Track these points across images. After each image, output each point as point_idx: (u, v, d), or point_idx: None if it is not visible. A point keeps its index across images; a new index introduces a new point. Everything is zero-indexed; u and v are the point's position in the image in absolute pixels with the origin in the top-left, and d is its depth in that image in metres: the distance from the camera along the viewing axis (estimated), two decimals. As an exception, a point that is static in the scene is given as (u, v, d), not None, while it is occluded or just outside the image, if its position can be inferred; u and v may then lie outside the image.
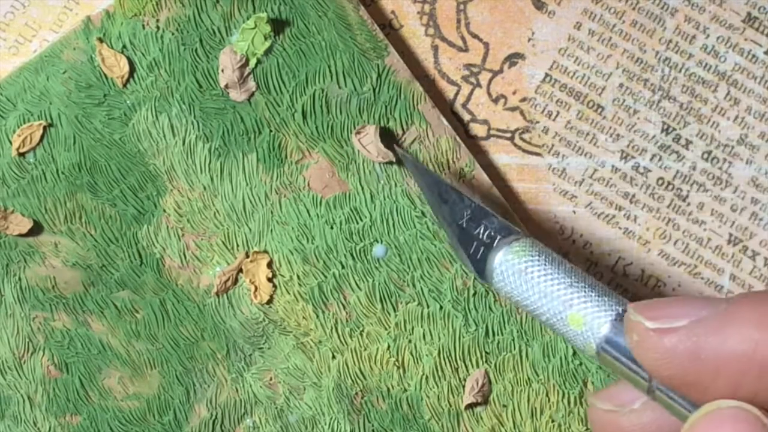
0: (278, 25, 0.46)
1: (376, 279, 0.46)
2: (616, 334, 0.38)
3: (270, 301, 0.46)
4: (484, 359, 0.46)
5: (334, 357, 0.46)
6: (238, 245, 0.46)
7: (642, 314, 0.35)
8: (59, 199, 0.46)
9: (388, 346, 0.46)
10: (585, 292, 0.39)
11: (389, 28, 0.48)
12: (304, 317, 0.46)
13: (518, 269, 0.41)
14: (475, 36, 0.47)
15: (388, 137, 0.46)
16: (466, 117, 0.48)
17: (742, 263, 0.47)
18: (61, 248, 0.46)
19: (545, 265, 0.40)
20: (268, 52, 0.46)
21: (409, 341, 0.46)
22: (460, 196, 0.43)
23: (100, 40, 0.46)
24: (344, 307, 0.46)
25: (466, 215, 0.43)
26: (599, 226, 0.47)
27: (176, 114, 0.46)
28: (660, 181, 0.47)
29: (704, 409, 0.34)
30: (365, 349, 0.46)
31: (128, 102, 0.46)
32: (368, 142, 0.46)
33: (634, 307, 0.35)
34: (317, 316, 0.46)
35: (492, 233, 0.42)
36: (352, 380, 0.46)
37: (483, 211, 0.43)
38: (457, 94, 0.48)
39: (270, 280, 0.46)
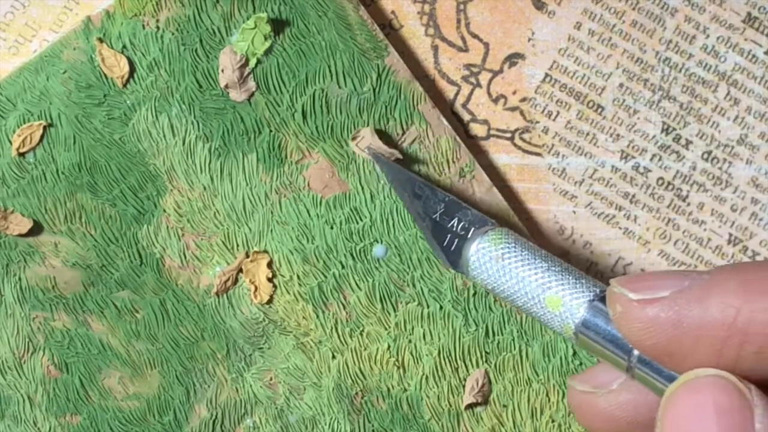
0: (278, 25, 0.46)
1: (376, 279, 0.46)
2: (593, 315, 0.38)
3: (270, 301, 0.46)
4: (484, 359, 0.46)
5: (334, 357, 0.46)
6: (238, 245, 0.46)
7: (625, 287, 0.36)
8: (59, 199, 0.46)
9: (388, 346, 0.46)
10: (562, 275, 0.40)
11: (389, 28, 0.48)
12: (304, 317, 0.46)
13: (494, 256, 0.41)
14: (475, 36, 0.47)
15: (384, 137, 0.46)
16: (466, 117, 0.48)
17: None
18: (61, 248, 0.46)
19: (521, 251, 0.41)
20: (268, 52, 0.46)
21: (409, 341, 0.46)
22: (433, 191, 0.44)
23: (100, 40, 0.46)
24: (344, 307, 0.46)
25: (440, 209, 0.44)
26: (599, 226, 0.47)
27: (176, 114, 0.46)
28: (660, 181, 0.47)
29: (682, 378, 0.34)
30: (365, 349, 0.46)
31: (128, 102, 0.46)
32: (365, 146, 0.46)
33: (616, 281, 0.36)
34: (317, 316, 0.46)
35: (466, 225, 0.43)
36: (352, 380, 0.46)
37: (456, 204, 0.44)
38: (457, 94, 0.48)
39: (270, 280, 0.46)
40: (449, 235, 0.43)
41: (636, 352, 0.36)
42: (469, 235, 0.43)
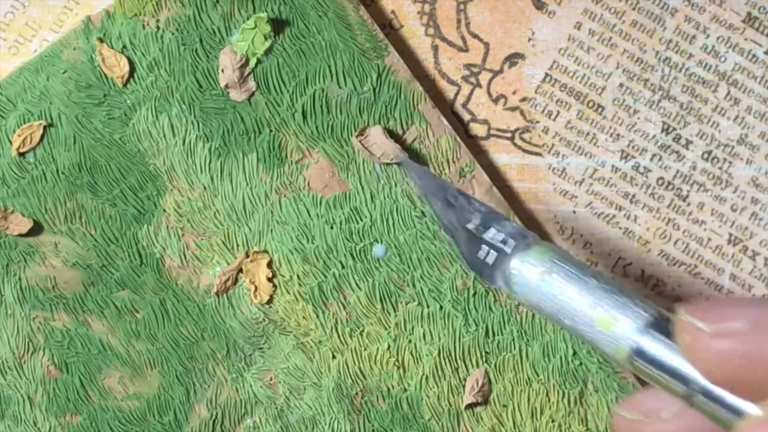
0: (278, 25, 0.46)
1: (376, 279, 0.46)
2: (649, 339, 0.36)
3: (270, 301, 0.46)
4: (484, 359, 0.46)
5: (334, 357, 0.46)
6: (238, 245, 0.46)
7: (694, 315, 0.34)
8: (59, 199, 0.46)
9: (388, 346, 0.46)
10: (614, 295, 0.38)
11: (389, 28, 0.48)
12: (304, 317, 0.46)
13: (539, 272, 0.39)
14: (475, 36, 0.47)
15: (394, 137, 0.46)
16: (466, 117, 0.48)
17: (742, 263, 0.47)
18: (61, 248, 0.46)
19: (570, 267, 0.39)
20: (268, 52, 0.46)
21: (409, 341, 0.46)
22: (468, 200, 0.42)
23: (100, 40, 0.46)
24: (344, 307, 0.46)
25: (475, 219, 0.41)
26: (599, 226, 0.47)
27: (176, 114, 0.46)
28: (660, 181, 0.47)
29: (758, 410, 0.33)
30: (365, 349, 0.46)
31: (128, 102, 0.46)
32: (372, 143, 0.46)
33: (684, 308, 0.35)
34: (317, 316, 0.46)
35: (505, 237, 0.40)
36: (352, 380, 0.46)
37: (493, 215, 0.41)
38: (457, 94, 0.48)
39: (270, 280, 0.46)
40: (485, 247, 0.41)
41: (699, 381, 0.35)
42: (510, 249, 0.40)
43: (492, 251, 0.40)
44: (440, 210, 0.42)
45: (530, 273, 0.39)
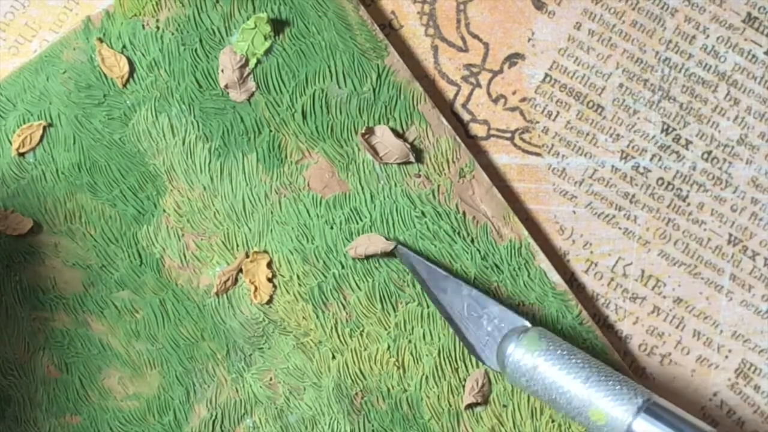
0: (278, 25, 0.46)
1: (376, 279, 0.46)
2: (641, 425, 0.40)
3: (270, 301, 0.46)
4: (484, 359, 0.46)
5: (334, 357, 0.46)
6: (238, 245, 0.46)
7: None
8: (59, 199, 0.46)
9: (388, 346, 0.46)
10: (603, 385, 0.41)
11: (389, 28, 0.48)
12: (304, 317, 0.46)
13: (533, 358, 0.43)
14: (475, 36, 0.47)
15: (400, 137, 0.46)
16: (466, 117, 0.48)
17: (742, 263, 0.47)
18: (61, 248, 0.46)
19: (557, 359, 0.42)
20: (268, 52, 0.46)
21: (409, 341, 0.46)
22: (457, 285, 0.45)
23: (100, 40, 0.46)
24: (344, 307, 0.46)
25: (466, 304, 0.45)
26: (599, 226, 0.47)
27: (176, 114, 0.46)
28: (660, 181, 0.47)
29: None
30: (365, 349, 0.46)
31: (128, 102, 0.46)
32: (376, 142, 0.46)
33: None
34: (317, 316, 0.46)
35: (497, 322, 0.44)
36: (352, 380, 0.46)
37: (482, 299, 0.45)
38: (457, 94, 0.48)
39: (270, 280, 0.46)
40: (480, 332, 0.45)
41: None
42: (501, 337, 0.44)
43: (486, 337, 0.44)
44: (435, 298, 0.45)
45: (524, 359, 0.43)
